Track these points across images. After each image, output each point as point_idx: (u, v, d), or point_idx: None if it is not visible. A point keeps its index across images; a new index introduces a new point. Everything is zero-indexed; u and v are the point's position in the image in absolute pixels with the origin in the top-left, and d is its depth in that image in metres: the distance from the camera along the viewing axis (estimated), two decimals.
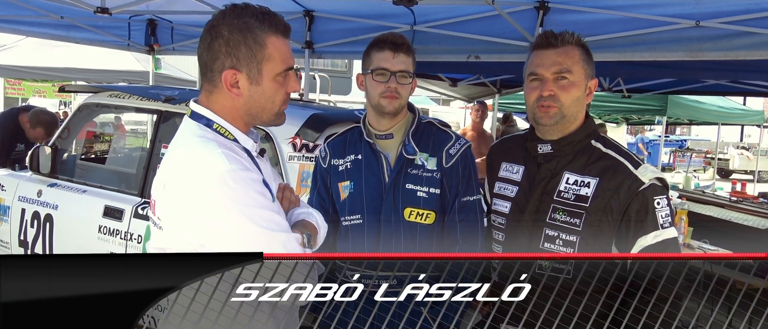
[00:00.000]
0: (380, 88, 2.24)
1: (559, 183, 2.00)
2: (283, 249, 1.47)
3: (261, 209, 1.48)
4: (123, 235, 3.67)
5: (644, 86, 8.59)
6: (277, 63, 1.57)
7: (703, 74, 6.80)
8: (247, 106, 1.59)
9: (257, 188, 1.49)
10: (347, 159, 2.38)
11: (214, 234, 1.47)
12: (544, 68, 1.96)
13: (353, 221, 2.32)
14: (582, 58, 1.97)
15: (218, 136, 1.57)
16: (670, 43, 4.28)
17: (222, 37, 1.54)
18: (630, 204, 1.90)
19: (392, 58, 2.22)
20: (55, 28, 6.39)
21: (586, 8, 4.34)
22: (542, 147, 2.04)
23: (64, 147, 4.32)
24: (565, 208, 1.97)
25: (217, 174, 1.45)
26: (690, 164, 20.67)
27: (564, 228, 1.97)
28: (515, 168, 2.14)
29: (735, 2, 3.87)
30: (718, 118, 12.00)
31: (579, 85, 1.96)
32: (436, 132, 2.37)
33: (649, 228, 1.89)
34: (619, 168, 1.94)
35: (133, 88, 4.53)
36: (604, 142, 2.03)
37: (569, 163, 2.01)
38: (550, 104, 1.95)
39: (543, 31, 2.03)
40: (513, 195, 2.11)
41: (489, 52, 5.14)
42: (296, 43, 5.83)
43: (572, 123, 2.00)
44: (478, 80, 8.67)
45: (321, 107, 4.23)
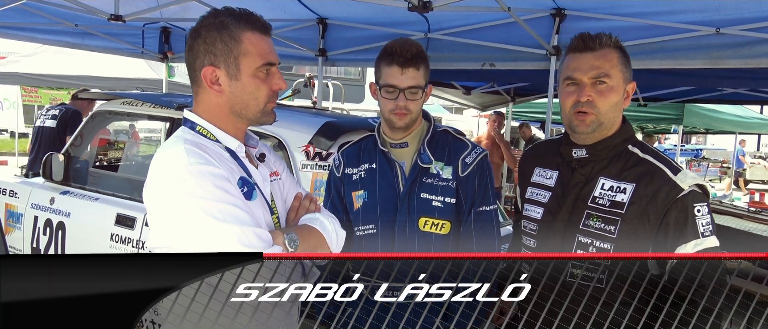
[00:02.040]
0: (390, 105, 2.19)
1: (594, 188, 1.93)
2: (238, 242, 1.47)
3: (217, 202, 1.49)
4: (135, 243, 3.64)
5: (660, 95, 8.50)
6: (255, 57, 1.61)
7: (723, 82, 6.70)
8: (229, 102, 1.64)
9: (216, 182, 1.51)
10: (361, 168, 2.33)
11: (174, 227, 1.52)
12: (581, 72, 1.88)
13: (367, 231, 2.28)
14: (620, 61, 1.90)
15: (198, 137, 1.63)
16: (690, 50, 4.21)
17: (200, 36, 1.61)
18: (668, 211, 1.82)
19: (400, 75, 2.15)
20: (69, 35, 6.42)
21: (603, 15, 4.28)
22: (577, 151, 1.97)
23: (77, 154, 4.31)
24: (599, 215, 1.89)
25: (176, 168, 1.52)
26: (706, 174, 20.45)
27: (598, 236, 1.89)
28: (549, 174, 2.07)
29: (756, 9, 3.80)
30: (735, 126, 11.86)
31: (617, 90, 1.89)
32: (452, 140, 2.32)
33: (689, 236, 1.81)
34: (657, 174, 1.87)
35: (145, 96, 4.53)
36: (642, 147, 1.96)
37: (605, 168, 1.94)
38: (587, 110, 1.88)
39: (578, 33, 1.95)
40: (546, 201, 2.03)
41: (504, 60, 5.09)
42: (309, 51, 5.81)
43: (609, 129, 1.93)
44: (492, 88, 8.61)
45: (334, 115, 4.19)
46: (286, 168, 1.91)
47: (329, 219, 1.80)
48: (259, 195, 1.67)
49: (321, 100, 6.53)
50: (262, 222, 1.63)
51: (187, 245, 1.52)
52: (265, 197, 1.70)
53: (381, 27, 5.28)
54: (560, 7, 4.33)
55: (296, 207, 1.81)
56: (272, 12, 5.33)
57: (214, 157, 1.58)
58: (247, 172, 1.68)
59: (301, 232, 1.70)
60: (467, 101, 9.95)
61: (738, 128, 12.28)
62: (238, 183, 1.61)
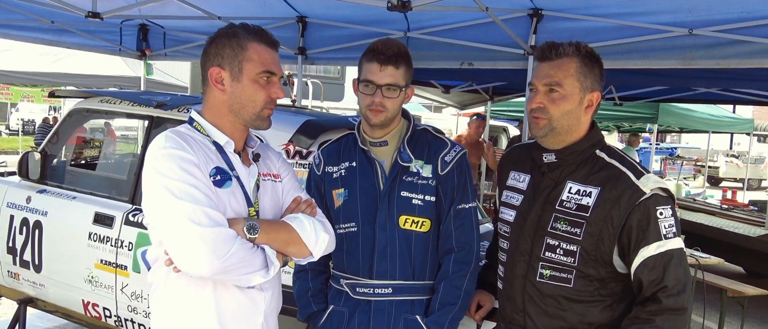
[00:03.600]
0: (366, 101, 2.22)
1: (561, 192, 2.00)
2: (187, 219, 1.61)
3: (178, 182, 1.65)
4: (113, 242, 3.63)
5: (635, 94, 8.63)
6: (256, 64, 1.80)
7: (695, 82, 6.83)
8: (229, 101, 1.82)
9: (184, 165, 1.68)
10: (342, 166, 2.35)
11: (146, 200, 1.73)
12: (537, 79, 2.00)
13: (348, 229, 2.30)
14: (578, 71, 1.96)
15: (190, 130, 1.83)
16: (663, 51, 4.27)
17: (214, 44, 1.83)
18: (631, 214, 1.89)
19: (379, 71, 2.18)
20: (45, 32, 6.32)
21: (579, 16, 4.34)
22: (547, 156, 2.05)
23: (53, 153, 4.27)
24: (566, 218, 1.97)
25: (153, 151, 1.73)
26: (680, 172, 20.78)
27: (565, 238, 1.96)
28: (522, 177, 2.14)
29: (728, 11, 3.87)
30: (708, 126, 12.08)
31: (570, 98, 1.96)
32: (432, 139, 2.36)
33: (651, 238, 1.88)
34: (620, 178, 1.94)
35: (124, 94, 4.49)
36: (609, 152, 2.03)
37: (573, 172, 2.01)
38: (538, 116, 1.98)
39: (545, 41, 2.03)
40: (518, 204, 2.11)
41: (482, 59, 5.12)
42: (289, 49, 5.81)
43: (566, 134, 2.00)
44: (471, 87, 8.69)
45: (314, 113, 4.20)
46: (291, 174, 2.03)
47: (310, 220, 1.87)
48: (235, 186, 1.80)
49: (300, 99, 6.53)
50: (228, 208, 1.75)
51: (152, 217, 1.74)
52: (244, 190, 1.83)
53: (360, 26, 5.30)
54: (538, 7, 4.38)
55: (291, 209, 1.93)
56: (252, 9, 5.32)
57: (192, 145, 1.75)
58: (230, 165, 1.83)
59: (270, 225, 1.81)
60: (446, 100, 10.02)
61: (711, 127, 12.49)
62: (212, 171, 1.77)
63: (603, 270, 1.96)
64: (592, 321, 1.98)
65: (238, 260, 1.65)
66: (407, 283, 2.30)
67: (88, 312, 3.86)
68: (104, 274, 3.68)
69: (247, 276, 1.71)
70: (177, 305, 1.80)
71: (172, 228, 1.64)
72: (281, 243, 1.79)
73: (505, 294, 2.15)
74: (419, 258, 2.30)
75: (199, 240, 1.60)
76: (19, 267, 4.09)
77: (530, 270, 2.03)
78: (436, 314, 2.28)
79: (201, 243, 1.60)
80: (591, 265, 1.95)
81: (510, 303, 2.11)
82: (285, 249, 1.81)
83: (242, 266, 1.67)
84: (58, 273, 3.93)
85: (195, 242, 1.60)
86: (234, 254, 1.64)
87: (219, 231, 1.63)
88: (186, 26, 6.20)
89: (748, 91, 7.19)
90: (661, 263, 1.87)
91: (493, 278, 2.40)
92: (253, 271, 1.71)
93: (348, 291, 2.34)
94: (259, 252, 1.73)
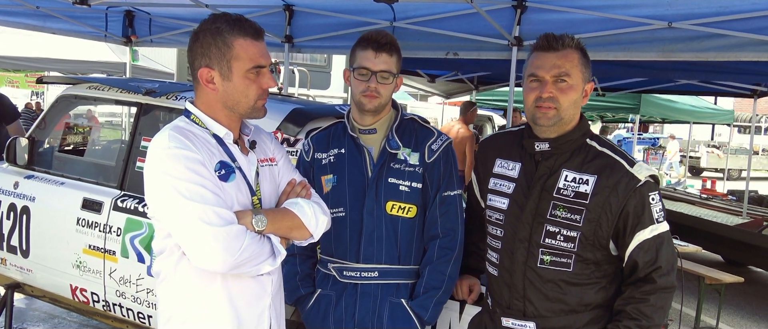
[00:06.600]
0: (361, 87, 2.29)
1: (557, 180, 2.06)
2: (199, 219, 1.66)
3: (186, 182, 1.69)
4: (102, 228, 3.65)
5: (618, 85, 8.74)
6: (245, 61, 1.80)
7: (675, 74, 6.95)
8: (223, 99, 1.84)
9: (189, 165, 1.71)
10: (331, 153, 2.42)
11: (154, 200, 1.76)
12: (544, 70, 2.02)
13: (336, 214, 2.36)
14: (581, 62, 2.03)
15: (189, 124, 1.85)
16: (644, 43, 4.36)
17: (198, 40, 1.82)
18: (628, 200, 1.99)
19: (374, 58, 2.26)
20: (30, 17, 6.27)
21: (562, 8, 4.41)
22: (540, 145, 2.09)
23: (41, 138, 4.27)
24: (565, 205, 2.04)
25: (158, 150, 1.74)
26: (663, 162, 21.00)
27: (565, 225, 2.03)
28: (511, 165, 2.18)
29: (706, 4, 3.97)
30: (689, 116, 12.24)
31: (577, 88, 2.03)
32: (419, 128, 2.43)
33: (646, 223, 1.99)
34: (616, 167, 2.03)
35: (112, 81, 4.49)
36: (599, 141, 2.11)
37: (567, 161, 2.08)
38: (549, 105, 2.01)
39: (543, 35, 2.07)
40: (510, 192, 2.15)
41: (467, 50, 5.19)
42: (276, 37, 5.83)
43: (568, 124, 2.07)
44: (456, 77, 8.75)
45: (301, 101, 4.24)
46: (284, 155, 2.08)
47: (309, 204, 1.94)
48: (239, 178, 1.84)
49: (287, 87, 6.56)
50: (234, 202, 1.79)
51: (161, 216, 1.77)
52: (247, 180, 1.87)
53: (347, 15, 5.34)
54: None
55: (288, 192, 1.98)
56: None
57: (195, 142, 1.78)
58: (231, 157, 1.86)
59: (275, 214, 1.86)
60: (432, 89, 10.08)
61: (692, 118, 12.66)
62: (217, 166, 1.80)
63: (599, 253, 2.05)
64: (589, 302, 2.07)
65: (250, 254, 1.73)
66: (393, 267, 2.37)
67: (76, 297, 3.89)
68: (92, 259, 3.71)
69: (257, 266, 1.78)
70: (189, 292, 1.85)
71: (185, 229, 1.69)
72: (286, 230, 1.87)
73: (502, 281, 2.17)
74: (405, 243, 2.37)
75: (213, 240, 1.67)
76: (7, 253, 4.10)
77: (530, 257, 2.08)
78: (421, 297, 2.35)
79: (214, 243, 1.67)
80: (589, 250, 2.03)
81: (508, 290, 2.14)
82: (289, 235, 1.88)
83: (253, 258, 1.75)
84: (46, 258, 3.95)
85: (208, 241, 1.67)
86: (246, 249, 1.71)
87: (230, 229, 1.69)
88: (171, 13, 6.19)
89: (728, 83, 7.33)
90: (654, 245, 1.99)
91: (474, 263, 2.47)
92: (262, 261, 1.78)
93: (335, 274, 2.41)
94: (267, 242, 1.80)
